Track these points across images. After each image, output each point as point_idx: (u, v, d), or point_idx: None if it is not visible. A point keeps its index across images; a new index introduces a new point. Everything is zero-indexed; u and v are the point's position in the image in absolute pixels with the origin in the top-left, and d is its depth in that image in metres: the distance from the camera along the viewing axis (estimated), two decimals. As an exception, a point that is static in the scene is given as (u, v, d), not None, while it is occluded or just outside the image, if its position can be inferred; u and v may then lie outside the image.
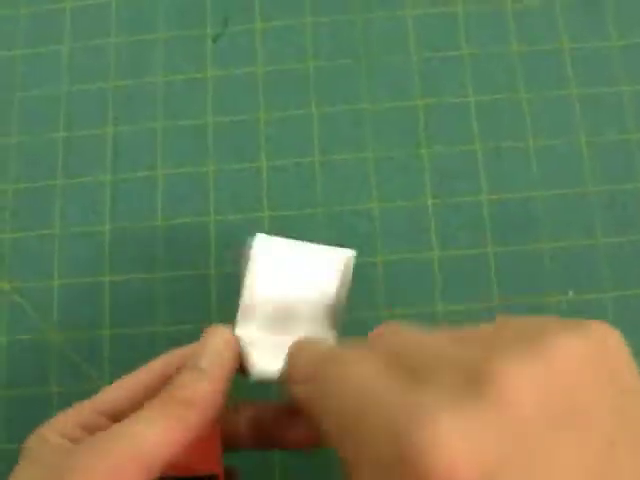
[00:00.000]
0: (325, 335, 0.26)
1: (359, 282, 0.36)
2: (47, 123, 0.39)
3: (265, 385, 0.33)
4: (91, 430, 0.23)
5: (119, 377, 0.34)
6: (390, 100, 0.38)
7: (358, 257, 0.36)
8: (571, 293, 0.35)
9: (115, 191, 0.38)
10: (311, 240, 0.26)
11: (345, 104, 0.38)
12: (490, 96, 0.38)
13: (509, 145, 0.37)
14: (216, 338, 0.24)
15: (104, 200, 0.38)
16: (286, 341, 0.23)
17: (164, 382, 0.24)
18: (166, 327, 0.35)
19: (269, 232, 0.36)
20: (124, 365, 0.35)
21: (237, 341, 0.24)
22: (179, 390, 0.22)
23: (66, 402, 0.35)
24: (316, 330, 0.25)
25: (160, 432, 0.21)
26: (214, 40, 0.40)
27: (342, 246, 0.26)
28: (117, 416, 0.24)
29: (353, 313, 0.35)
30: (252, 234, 0.25)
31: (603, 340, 0.16)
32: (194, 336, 0.35)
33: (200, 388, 0.22)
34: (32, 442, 0.23)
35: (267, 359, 0.23)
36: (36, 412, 0.35)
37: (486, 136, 0.37)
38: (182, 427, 0.21)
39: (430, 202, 0.37)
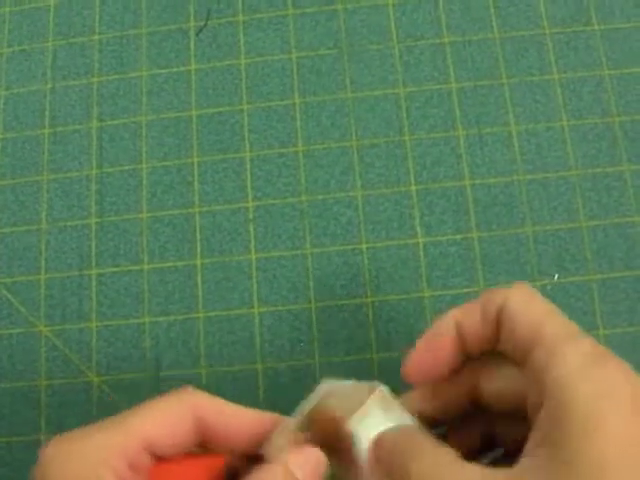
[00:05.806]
0: None
1: (344, 270, 0.36)
2: (32, 119, 0.39)
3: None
4: (137, 469, 0.23)
5: (107, 369, 0.35)
6: (372, 88, 0.38)
7: (343, 245, 0.36)
8: (556, 276, 0.35)
9: (101, 185, 0.38)
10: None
11: (328, 93, 0.38)
12: (471, 82, 0.38)
13: (491, 130, 0.37)
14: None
15: (90, 194, 0.38)
16: None
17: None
18: (153, 318, 0.36)
19: (254, 222, 0.36)
20: (112, 357, 0.35)
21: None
22: None
23: (55, 394, 0.35)
24: None
25: None
26: (197, 33, 0.40)
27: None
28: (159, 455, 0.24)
29: (338, 301, 0.35)
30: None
31: None
32: (181, 326, 0.35)
33: None
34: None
35: None
36: (25, 405, 0.35)
37: (468, 122, 0.37)
38: None
39: (414, 188, 0.37)
